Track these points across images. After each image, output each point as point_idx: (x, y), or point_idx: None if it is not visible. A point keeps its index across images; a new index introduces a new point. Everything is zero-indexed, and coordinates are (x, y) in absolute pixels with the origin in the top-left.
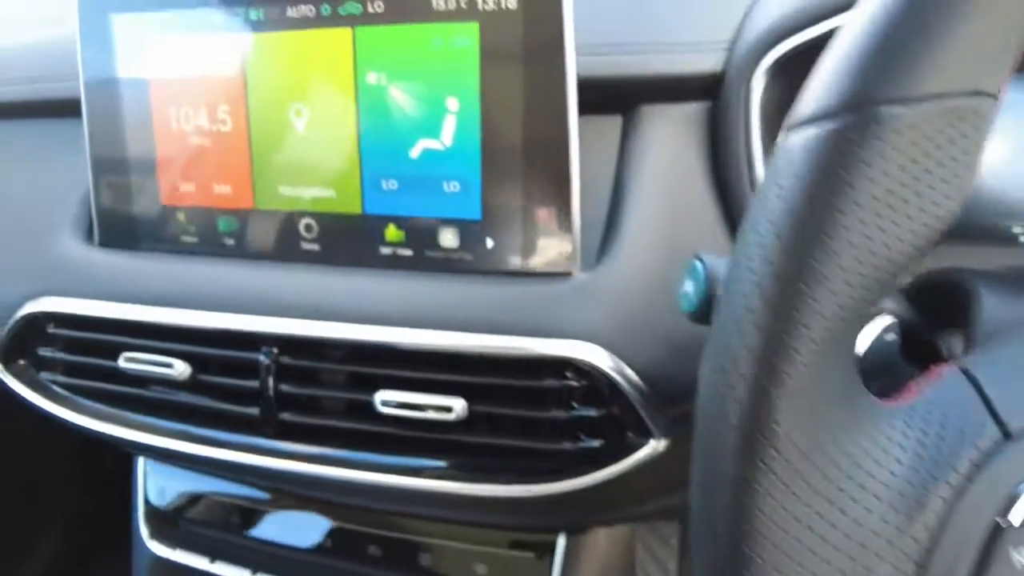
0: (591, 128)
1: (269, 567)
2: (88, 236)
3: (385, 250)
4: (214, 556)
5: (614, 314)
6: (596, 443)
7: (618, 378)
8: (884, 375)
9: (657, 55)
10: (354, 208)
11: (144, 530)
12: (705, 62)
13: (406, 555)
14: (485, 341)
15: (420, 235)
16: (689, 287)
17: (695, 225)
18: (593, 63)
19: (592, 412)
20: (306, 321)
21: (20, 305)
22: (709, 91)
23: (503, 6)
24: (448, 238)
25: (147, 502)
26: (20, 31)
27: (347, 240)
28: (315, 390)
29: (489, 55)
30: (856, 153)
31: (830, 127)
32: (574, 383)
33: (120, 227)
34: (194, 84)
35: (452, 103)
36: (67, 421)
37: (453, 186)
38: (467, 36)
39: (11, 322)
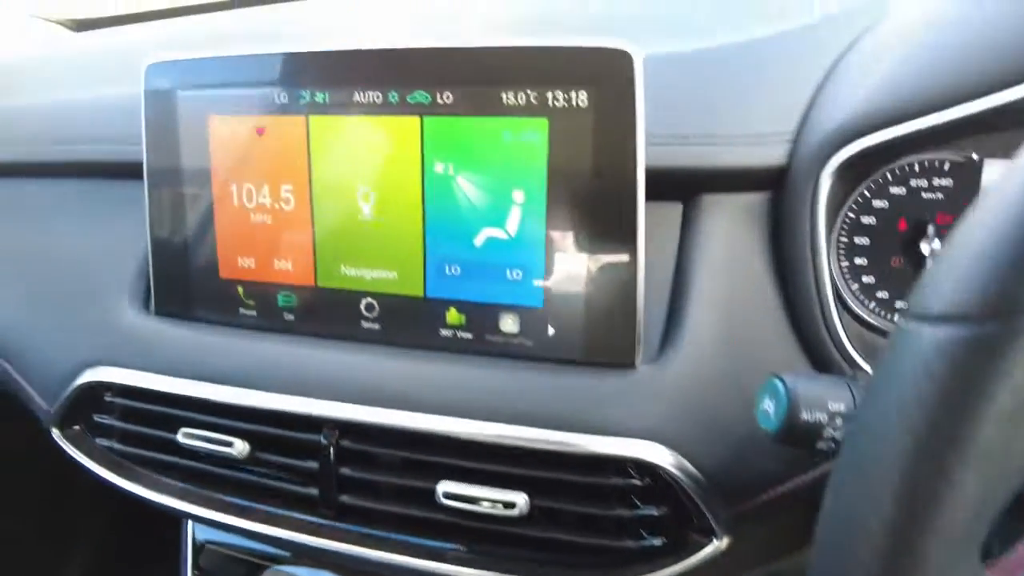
0: (650, 215)
1: None
2: (145, 303)
3: (445, 332)
4: None
5: (676, 410)
6: (658, 542)
7: (681, 476)
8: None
9: (720, 147)
10: (416, 291)
11: None
12: (769, 155)
13: None
14: (547, 436)
15: (481, 319)
16: (769, 406)
17: (756, 315)
18: (655, 153)
19: (654, 511)
20: (368, 408)
21: (78, 373)
22: (772, 182)
23: (574, 103)
24: (509, 323)
25: (196, 566)
26: (84, 89)
27: (408, 321)
28: (375, 475)
29: (558, 150)
30: (1002, 364)
31: (972, 333)
32: (637, 481)
33: (177, 297)
34: (257, 162)
35: (518, 195)
36: (121, 488)
37: (516, 274)
38: (536, 131)
39: (69, 389)
